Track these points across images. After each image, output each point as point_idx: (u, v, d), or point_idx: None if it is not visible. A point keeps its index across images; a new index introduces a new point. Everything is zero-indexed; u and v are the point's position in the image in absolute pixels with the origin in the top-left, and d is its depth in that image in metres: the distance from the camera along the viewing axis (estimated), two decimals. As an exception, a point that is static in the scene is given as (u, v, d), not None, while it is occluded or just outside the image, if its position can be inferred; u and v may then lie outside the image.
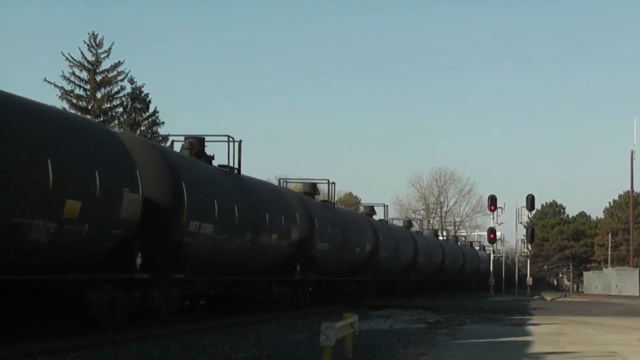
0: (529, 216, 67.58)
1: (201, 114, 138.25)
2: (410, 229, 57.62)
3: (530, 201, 63.42)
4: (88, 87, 54.51)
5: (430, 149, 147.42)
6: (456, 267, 65.54)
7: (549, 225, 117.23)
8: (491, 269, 64.92)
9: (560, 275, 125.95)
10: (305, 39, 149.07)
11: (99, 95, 54.64)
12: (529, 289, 65.10)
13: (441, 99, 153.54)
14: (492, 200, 61.82)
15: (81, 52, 54.08)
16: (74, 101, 53.82)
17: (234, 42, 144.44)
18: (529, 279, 66.87)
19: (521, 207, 64.92)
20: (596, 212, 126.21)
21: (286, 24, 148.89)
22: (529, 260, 72.02)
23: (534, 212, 76.03)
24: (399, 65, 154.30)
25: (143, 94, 56.06)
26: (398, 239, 45.81)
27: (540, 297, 58.79)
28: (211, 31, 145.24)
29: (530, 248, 73.45)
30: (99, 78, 54.47)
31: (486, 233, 65.95)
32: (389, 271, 43.31)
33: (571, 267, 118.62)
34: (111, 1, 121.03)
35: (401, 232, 49.83)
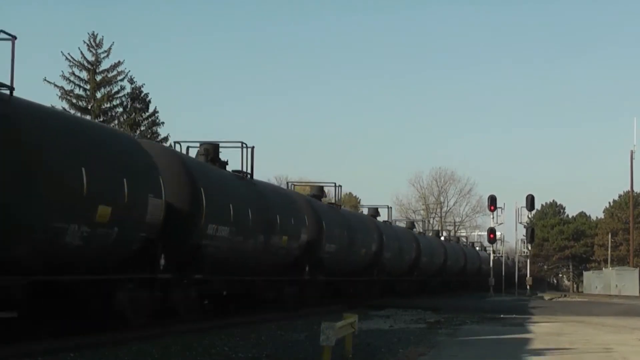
0: (529, 216, 67.18)
1: (201, 114, 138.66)
2: (413, 230, 58.65)
3: (530, 201, 63.18)
4: (88, 87, 54.40)
5: (430, 149, 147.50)
6: (458, 267, 65.98)
7: (549, 225, 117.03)
8: (491, 268, 64.90)
9: (560, 275, 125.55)
10: (305, 39, 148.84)
11: (98, 95, 54.61)
12: (529, 288, 64.81)
13: (441, 99, 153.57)
14: (492, 200, 61.53)
15: (81, 52, 54.09)
16: (74, 101, 53.78)
17: (234, 42, 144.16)
18: (529, 279, 66.60)
19: (521, 207, 64.66)
20: (596, 212, 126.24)
21: (286, 24, 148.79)
22: (529, 260, 71.63)
23: (534, 212, 75.63)
24: (399, 65, 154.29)
25: (143, 94, 56.07)
26: (401, 239, 46.78)
27: (540, 297, 58.68)
28: (211, 31, 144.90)
29: (530, 248, 72.52)
30: (98, 78, 54.37)
31: (486, 233, 65.77)
32: (393, 271, 44.18)
33: (571, 267, 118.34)
34: (111, 1, 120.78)
35: (404, 233, 50.78)
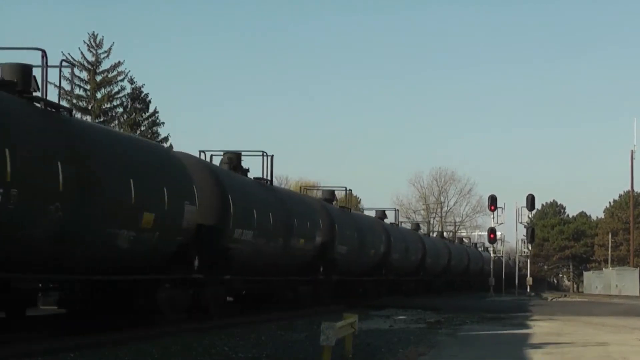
0: (529, 216, 67.28)
1: (201, 114, 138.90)
2: (418, 231, 60.39)
3: (530, 201, 63.35)
4: (88, 87, 54.68)
5: (430, 149, 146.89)
6: (461, 268, 67.43)
7: (549, 225, 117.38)
8: (491, 268, 65.10)
9: (561, 275, 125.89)
10: (305, 39, 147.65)
11: (99, 95, 54.89)
12: (529, 288, 65.11)
13: (441, 99, 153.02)
14: (492, 200, 61.44)
15: (81, 52, 54.34)
16: (74, 101, 53.56)
17: (234, 42, 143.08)
18: (529, 279, 66.79)
19: (521, 207, 64.78)
20: (596, 212, 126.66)
21: (286, 24, 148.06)
22: (529, 260, 71.78)
23: (534, 212, 75.57)
24: (399, 65, 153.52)
25: (143, 94, 56.37)
26: (408, 241, 48.66)
27: (540, 297, 59.29)
28: (211, 31, 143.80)
29: (530, 248, 72.29)
30: (99, 78, 54.63)
31: (486, 233, 66.03)
32: (399, 271, 46.04)
33: (571, 267, 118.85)
34: (111, 1, 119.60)
35: (410, 235, 52.64)
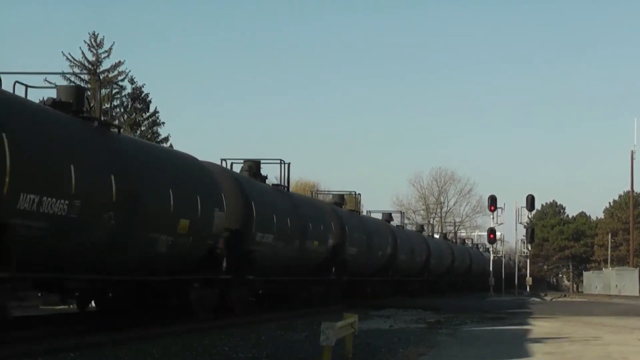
0: (529, 216, 67.58)
1: (201, 114, 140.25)
2: (423, 233, 62.15)
3: (530, 201, 63.55)
4: (89, 87, 53.01)
5: (430, 149, 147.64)
6: (464, 268, 68.96)
7: (549, 225, 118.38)
8: (491, 269, 64.96)
9: (560, 275, 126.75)
10: (305, 39, 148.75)
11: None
12: (528, 288, 65.52)
13: (441, 99, 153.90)
14: (492, 201, 61.39)
15: (82, 52, 54.58)
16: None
17: (234, 42, 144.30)
18: (528, 279, 67.25)
19: (521, 207, 65.03)
20: (596, 212, 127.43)
21: (286, 24, 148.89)
22: (528, 260, 72.29)
23: (534, 212, 75.89)
24: (399, 65, 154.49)
25: (143, 94, 56.64)
26: (413, 242, 50.49)
27: (540, 297, 60.06)
28: (211, 31, 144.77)
29: (530, 248, 73.11)
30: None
31: (486, 233, 66.04)
32: (405, 272, 47.86)
33: (571, 267, 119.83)
34: (111, 1, 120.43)
35: (415, 236, 54.48)
